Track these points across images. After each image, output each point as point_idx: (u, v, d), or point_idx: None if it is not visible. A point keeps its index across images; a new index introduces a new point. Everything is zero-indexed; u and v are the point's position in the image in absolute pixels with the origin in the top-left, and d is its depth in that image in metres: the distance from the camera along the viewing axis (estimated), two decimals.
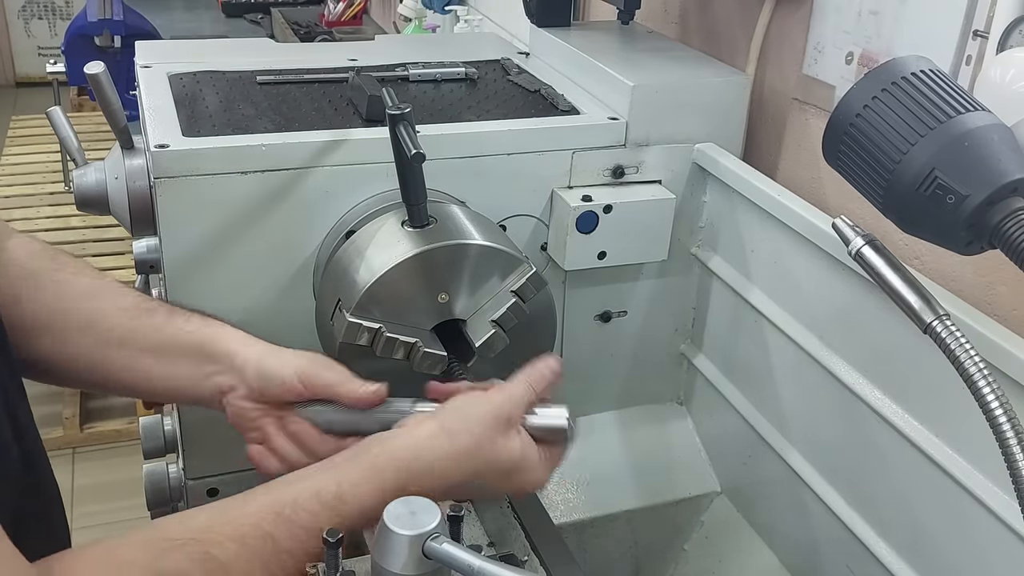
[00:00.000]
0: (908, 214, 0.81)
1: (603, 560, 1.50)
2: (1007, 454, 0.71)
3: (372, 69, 1.47)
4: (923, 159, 0.78)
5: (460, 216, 1.17)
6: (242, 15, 3.97)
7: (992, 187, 0.75)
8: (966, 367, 0.74)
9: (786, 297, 1.30)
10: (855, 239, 0.84)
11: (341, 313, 1.08)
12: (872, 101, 0.81)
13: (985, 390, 0.73)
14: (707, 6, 1.62)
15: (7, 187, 3.91)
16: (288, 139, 1.22)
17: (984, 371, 0.74)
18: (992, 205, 0.76)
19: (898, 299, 0.80)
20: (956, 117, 0.78)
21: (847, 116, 0.83)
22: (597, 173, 1.36)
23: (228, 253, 1.22)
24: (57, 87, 3.15)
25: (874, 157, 0.81)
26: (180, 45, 1.69)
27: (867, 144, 0.81)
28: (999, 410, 0.72)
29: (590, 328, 1.47)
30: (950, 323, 0.77)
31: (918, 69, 0.81)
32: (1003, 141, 0.78)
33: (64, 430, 3.33)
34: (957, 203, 0.77)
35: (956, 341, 0.75)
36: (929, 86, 0.80)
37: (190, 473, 1.33)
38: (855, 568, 1.22)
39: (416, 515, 0.80)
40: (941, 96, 0.79)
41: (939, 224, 0.79)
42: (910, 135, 0.79)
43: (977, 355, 0.74)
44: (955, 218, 0.77)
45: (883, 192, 0.81)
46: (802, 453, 1.30)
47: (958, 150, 0.77)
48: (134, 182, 1.29)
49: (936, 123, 0.78)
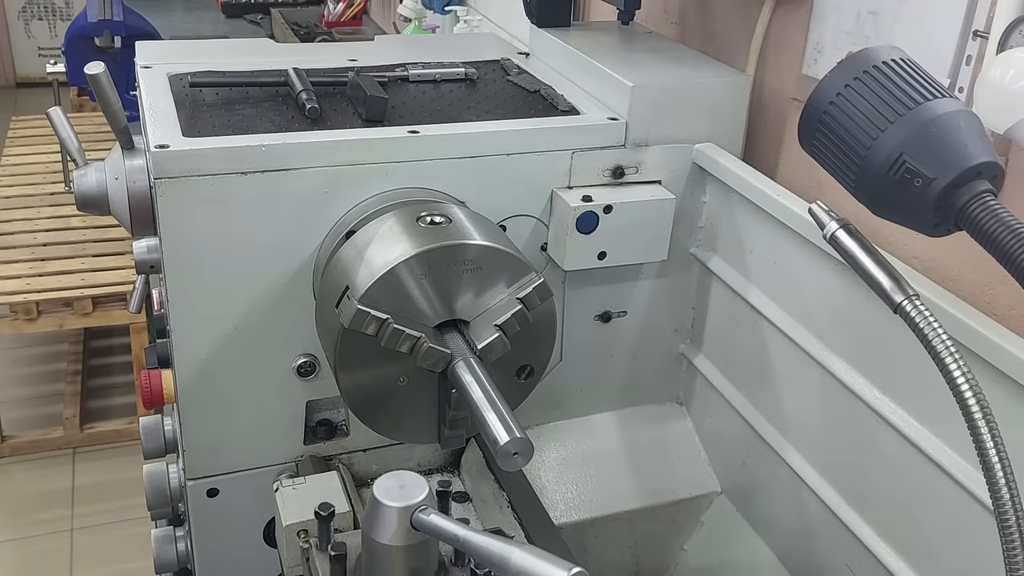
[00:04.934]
0: (879, 197, 0.84)
1: (603, 560, 1.50)
2: (972, 427, 0.74)
3: (372, 69, 1.47)
4: (893, 144, 0.81)
5: (467, 217, 1.17)
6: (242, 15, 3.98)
7: (958, 170, 0.78)
8: (934, 345, 0.77)
9: (786, 297, 1.30)
10: (830, 223, 0.86)
11: (349, 300, 1.07)
12: (845, 89, 0.84)
13: (952, 366, 0.75)
14: (707, 6, 1.62)
15: (7, 187, 3.91)
16: (288, 139, 1.22)
17: (951, 348, 0.76)
18: (958, 188, 0.79)
19: (870, 280, 0.83)
20: (924, 104, 0.81)
21: (821, 104, 0.86)
22: (597, 173, 1.36)
23: (228, 253, 1.22)
24: (57, 87, 3.15)
25: (846, 143, 0.84)
26: (180, 45, 1.69)
27: (840, 130, 0.84)
28: (965, 385, 0.75)
29: (590, 328, 1.47)
30: (919, 303, 0.79)
31: (889, 58, 0.84)
32: (969, 127, 0.80)
33: (64, 430, 3.34)
34: (924, 186, 0.79)
35: (925, 320, 0.78)
36: (899, 74, 0.83)
37: (190, 473, 1.33)
38: (855, 568, 1.22)
39: (405, 488, 0.82)
40: (910, 84, 0.82)
41: (908, 207, 0.82)
42: (880, 121, 0.82)
43: (945, 333, 0.77)
44: (923, 201, 0.80)
45: (855, 176, 0.84)
46: (802, 453, 1.30)
47: (926, 135, 0.80)
48: (134, 182, 1.29)
49: (905, 110, 0.81)
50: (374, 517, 0.81)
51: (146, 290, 1.65)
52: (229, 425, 1.31)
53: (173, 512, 1.49)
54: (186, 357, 1.26)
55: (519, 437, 0.98)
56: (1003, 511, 0.74)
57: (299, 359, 1.30)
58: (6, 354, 3.82)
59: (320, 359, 1.30)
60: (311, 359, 1.30)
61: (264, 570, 1.38)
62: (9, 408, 3.42)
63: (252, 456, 1.34)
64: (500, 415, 1.01)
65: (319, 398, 1.34)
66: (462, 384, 1.06)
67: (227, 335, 1.25)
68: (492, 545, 0.77)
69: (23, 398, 3.61)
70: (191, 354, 1.26)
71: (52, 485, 3.19)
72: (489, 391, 1.04)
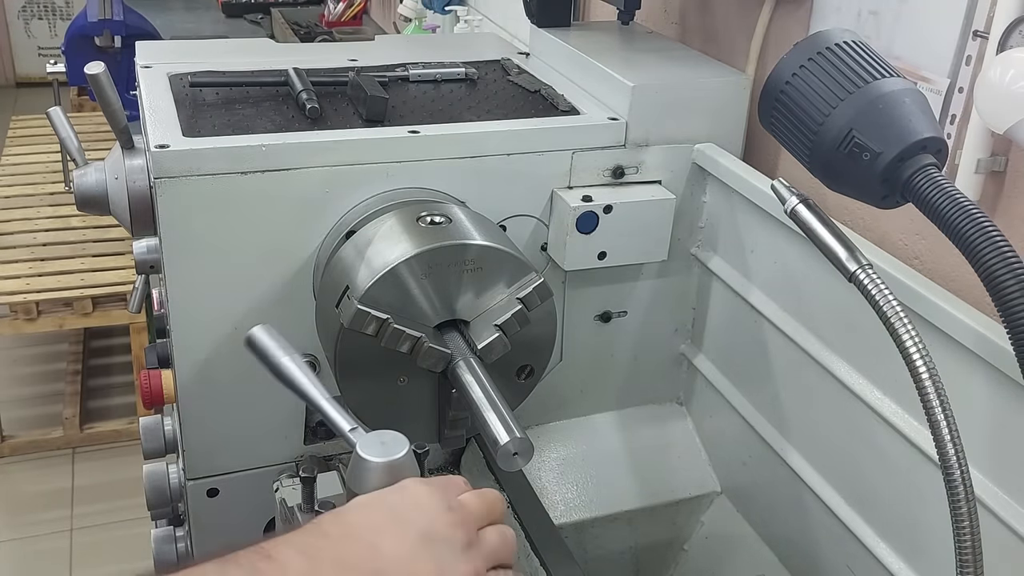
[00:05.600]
0: (831, 171, 0.89)
1: (603, 560, 1.50)
2: (920, 388, 0.80)
3: (372, 69, 1.47)
4: (843, 120, 0.85)
5: (467, 217, 1.17)
6: (242, 15, 3.98)
7: (903, 144, 0.83)
8: (885, 312, 0.82)
9: (786, 297, 1.30)
10: (790, 198, 0.92)
11: (349, 300, 1.07)
12: (800, 69, 0.89)
13: (902, 333, 0.81)
14: (707, 6, 1.62)
15: (7, 187, 3.91)
16: (288, 139, 1.22)
17: (901, 315, 0.81)
18: (903, 161, 0.83)
19: (826, 251, 0.88)
20: (872, 82, 0.85)
21: (778, 83, 0.90)
22: (597, 173, 1.36)
23: (228, 253, 1.22)
24: (57, 87, 3.15)
25: (801, 120, 0.89)
26: (180, 45, 1.69)
27: (795, 108, 0.89)
28: (913, 350, 0.80)
29: (590, 328, 1.47)
30: (872, 272, 0.84)
31: (841, 40, 0.88)
32: (915, 103, 0.85)
33: (64, 430, 3.34)
34: (872, 160, 0.84)
35: (877, 288, 0.83)
36: (850, 55, 0.87)
37: (190, 473, 1.33)
38: (855, 568, 1.22)
39: (386, 445, 0.85)
40: (860, 64, 0.87)
41: (858, 180, 0.86)
42: (831, 99, 0.86)
43: (896, 301, 0.82)
44: (871, 173, 0.85)
45: (809, 152, 0.89)
46: (802, 453, 1.30)
47: (873, 112, 0.84)
48: (134, 182, 1.29)
49: (855, 88, 0.86)
50: (357, 472, 0.85)
51: (146, 290, 1.65)
52: (229, 425, 1.31)
53: (173, 512, 1.49)
54: (186, 357, 1.26)
55: (519, 437, 0.98)
56: (948, 466, 0.80)
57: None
58: (6, 354, 3.82)
59: (320, 359, 1.30)
60: (311, 359, 1.30)
61: None
62: (9, 408, 3.42)
63: (252, 456, 1.34)
64: (500, 415, 1.01)
65: None
66: (462, 384, 1.06)
67: (227, 335, 1.25)
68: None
69: (23, 398, 3.61)
70: (191, 354, 1.26)
71: (52, 485, 3.19)
72: (489, 391, 1.04)
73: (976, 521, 0.80)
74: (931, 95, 1.15)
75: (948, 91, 1.13)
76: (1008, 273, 0.75)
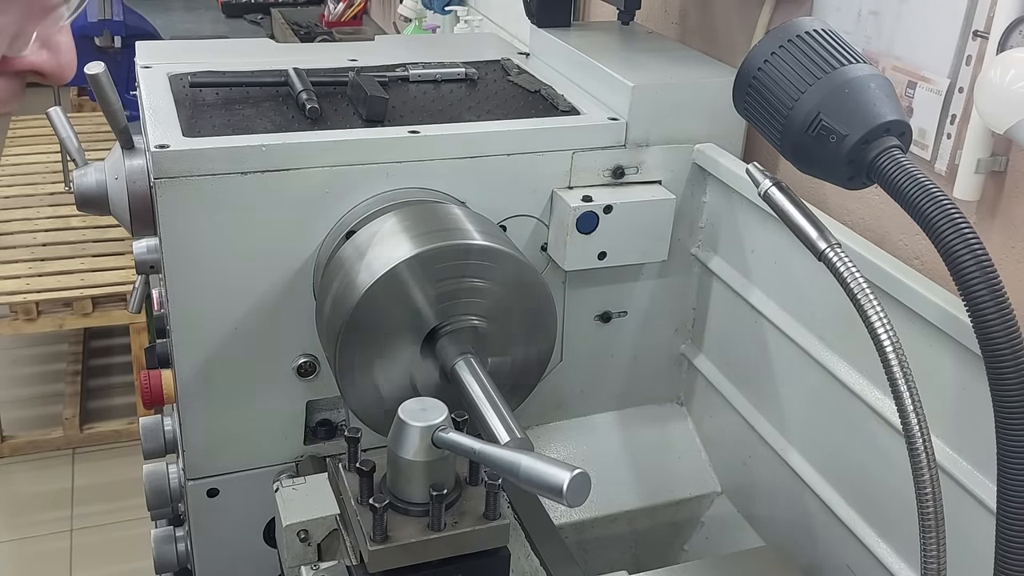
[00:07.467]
0: (800, 153, 0.92)
1: (603, 560, 1.50)
2: (884, 360, 0.83)
3: (372, 69, 1.47)
4: (811, 104, 0.89)
5: (467, 217, 1.17)
6: (242, 15, 3.98)
7: (867, 127, 0.87)
8: (852, 289, 0.85)
9: (786, 297, 1.30)
10: (764, 181, 0.95)
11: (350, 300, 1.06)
12: (771, 56, 0.92)
13: (869, 310, 0.84)
14: (707, 6, 1.62)
15: (7, 187, 3.91)
16: (288, 139, 1.22)
17: (867, 291, 0.84)
18: (868, 143, 0.87)
19: (798, 231, 0.91)
20: (840, 68, 0.89)
21: (751, 69, 0.94)
22: (597, 173, 1.36)
23: (228, 253, 1.22)
24: (57, 87, 3.15)
25: (772, 105, 0.92)
26: (180, 45, 1.69)
27: (767, 93, 0.93)
28: (878, 323, 0.83)
29: (590, 328, 1.47)
30: (841, 251, 0.88)
31: (812, 28, 0.92)
32: (880, 88, 0.89)
33: (64, 430, 3.34)
34: (838, 142, 0.88)
35: (845, 267, 0.86)
36: (819, 42, 0.91)
37: (190, 473, 1.33)
38: (855, 568, 1.22)
39: (427, 411, 0.93)
40: (828, 51, 0.90)
41: (825, 162, 0.90)
42: (800, 84, 0.90)
43: (863, 279, 0.85)
44: (837, 155, 0.88)
45: (780, 134, 0.92)
46: (802, 453, 1.30)
47: (840, 96, 0.88)
48: (134, 182, 1.29)
49: (823, 73, 0.89)
50: (399, 436, 0.93)
51: (146, 290, 1.65)
52: (229, 425, 1.31)
53: (173, 512, 1.49)
54: (186, 357, 1.26)
55: (519, 437, 0.98)
56: (911, 435, 0.83)
57: (299, 359, 1.30)
58: (6, 354, 3.82)
59: (320, 359, 1.30)
60: (311, 359, 1.30)
61: (264, 570, 1.38)
62: (9, 408, 3.42)
63: (252, 456, 1.34)
64: (500, 415, 1.01)
65: (319, 398, 1.34)
66: (462, 384, 1.06)
67: (227, 335, 1.25)
68: (504, 455, 0.88)
69: (23, 398, 3.61)
70: (191, 354, 1.26)
71: (51, 485, 3.19)
72: (489, 391, 1.04)
73: (939, 488, 0.84)
74: (931, 95, 1.15)
75: (948, 91, 1.13)
76: (965, 249, 0.79)
